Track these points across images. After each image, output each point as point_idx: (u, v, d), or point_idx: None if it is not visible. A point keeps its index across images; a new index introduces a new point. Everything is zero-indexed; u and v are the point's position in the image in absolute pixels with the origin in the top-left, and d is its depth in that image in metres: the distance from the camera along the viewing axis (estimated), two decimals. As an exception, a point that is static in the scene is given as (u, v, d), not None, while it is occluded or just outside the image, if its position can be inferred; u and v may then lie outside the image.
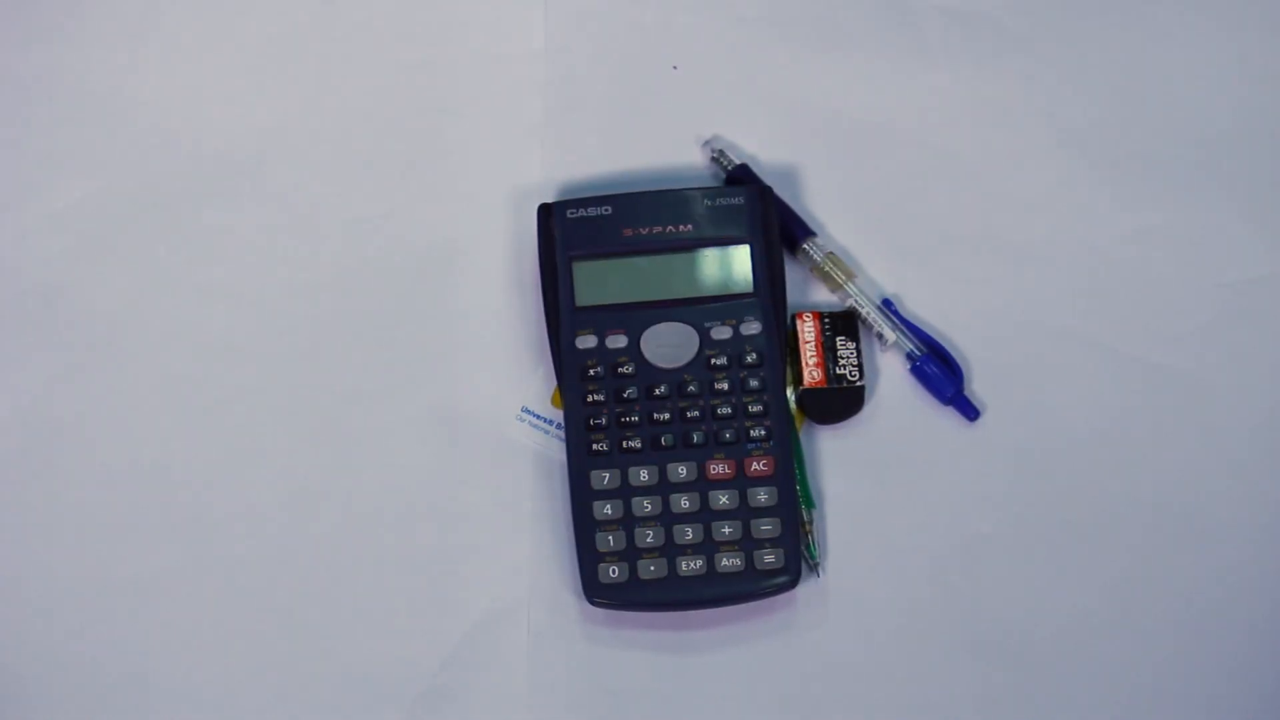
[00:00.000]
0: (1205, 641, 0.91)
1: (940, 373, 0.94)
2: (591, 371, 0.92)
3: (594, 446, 0.91)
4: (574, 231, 0.94)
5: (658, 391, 0.92)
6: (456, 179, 0.99)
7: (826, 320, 0.95)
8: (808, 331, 0.95)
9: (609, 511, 0.91)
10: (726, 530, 0.90)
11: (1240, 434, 0.94)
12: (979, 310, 0.96)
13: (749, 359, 0.92)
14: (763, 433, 0.91)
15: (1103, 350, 0.96)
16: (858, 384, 0.94)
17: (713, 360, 0.92)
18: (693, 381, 0.92)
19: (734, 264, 0.94)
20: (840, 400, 0.94)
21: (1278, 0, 1.02)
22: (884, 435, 0.94)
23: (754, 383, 0.92)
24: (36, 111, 1.00)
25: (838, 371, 0.94)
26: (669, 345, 0.93)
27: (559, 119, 1.00)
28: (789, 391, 0.94)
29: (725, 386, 0.92)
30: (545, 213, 0.95)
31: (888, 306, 0.96)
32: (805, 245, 0.96)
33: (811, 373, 0.94)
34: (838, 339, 0.95)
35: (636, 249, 0.94)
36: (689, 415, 0.92)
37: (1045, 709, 0.90)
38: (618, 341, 0.93)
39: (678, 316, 0.93)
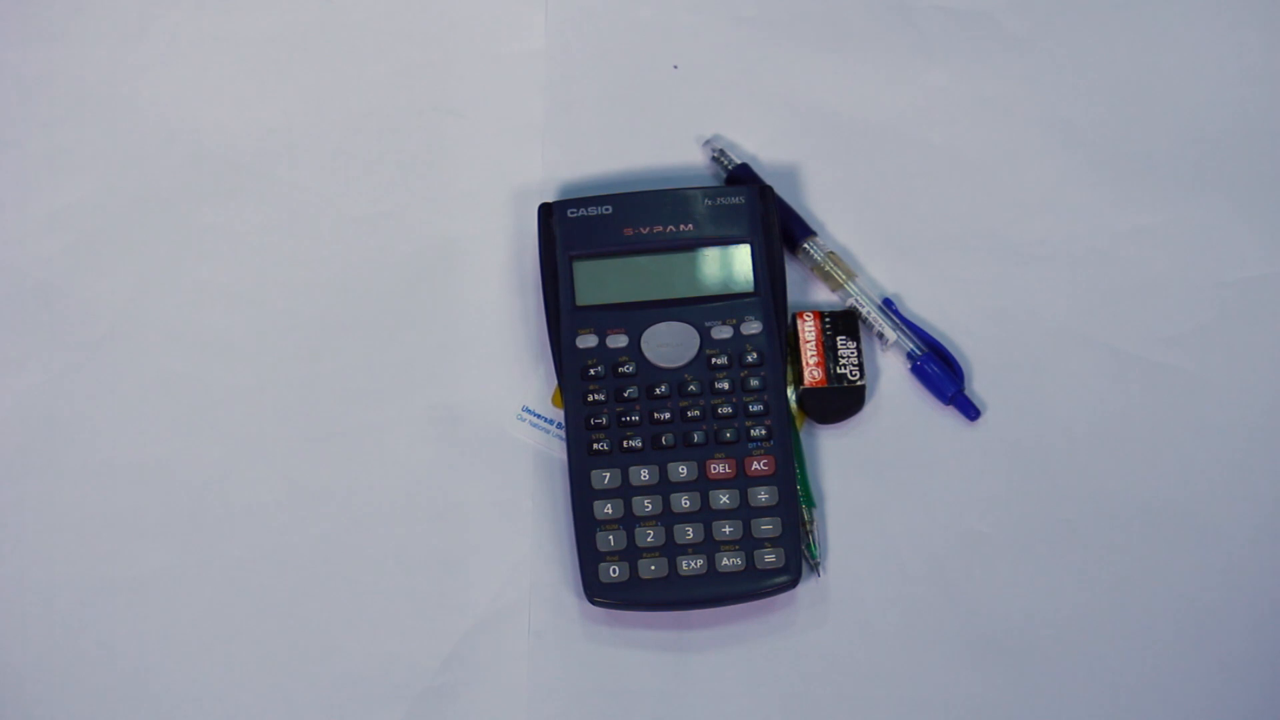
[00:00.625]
0: (1205, 640, 0.91)
1: (941, 372, 0.94)
2: (592, 371, 0.92)
3: (594, 446, 0.91)
4: (574, 231, 0.94)
5: (658, 391, 0.92)
6: (456, 179, 0.99)
7: (827, 320, 0.95)
8: (808, 331, 0.95)
9: (609, 511, 0.91)
10: (727, 530, 0.90)
11: (1239, 433, 0.94)
12: (979, 310, 0.96)
13: (749, 358, 0.92)
14: (763, 432, 0.91)
15: (1103, 350, 0.96)
16: (858, 383, 0.94)
17: (713, 360, 0.92)
18: (693, 381, 0.92)
19: (734, 263, 0.94)
20: (840, 400, 0.94)
21: (1278, 0, 1.02)
22: (884, 435, 0.94)
23: (754, 382, 0.92)
24: (36, 111, 1.00)
25: (838, 371, 0.94)
26: (669, 345, 0.93)
27: (559, 119, 1.00)
28: (789, 391, 0.94)
29: (726, 386, 0.92)
30: (545, 212, 0.95)
31: (888, 306, 0.96)
32: (805, 245, 0.96)
33: (812, 372, 0.94)
34: (838, 338, 0.95)
35: (637, 248, 0.94)
36: (689, 415, 0.92)
37: (1045, 708, 0.90)
38: (618, 341, 0.93)
39: (678, 316, 0.93)
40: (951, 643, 0.91)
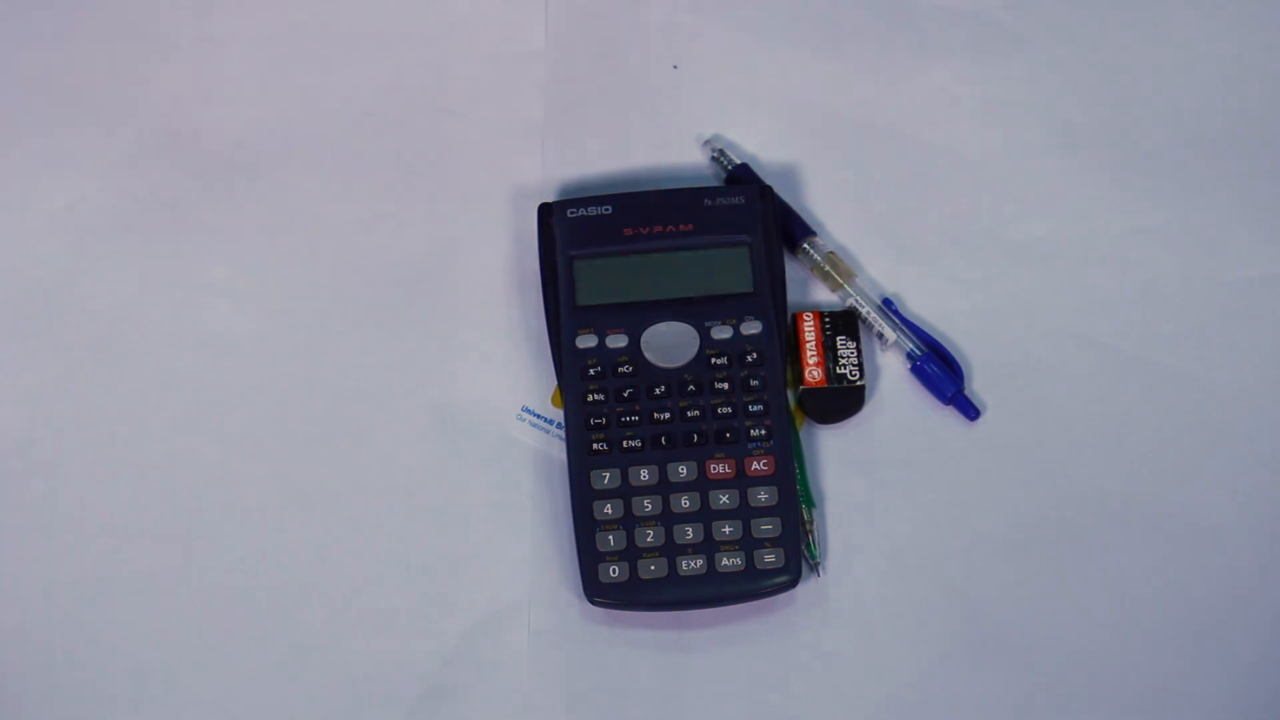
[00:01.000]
0: (1205, 641, 0.91)
1: (940, 372, 0.94)
2: (592, 371, 0.92)
3: (594, 446, 0.91)
4: (574, 231, 0.94)
5: (658, 391, 0.92)
6: (456, 179, 0.99)
7: (827, 320, 0.95)
8: (808, 331, 0.95)
9: (609, 511, 0.91)
10: (727, 530, 0.90)
11: (1240, 434, 0.94)
12: (979, 310, 0.96)
13: (749, 358, 0.92)
14: (763, 432, 0.91)
15: (1103, 350, 0.96)
16: (858, 384, 0.94)
17: (713, 360, 0.92)
18: (693, 381, 0.92)
19: (734, 263, 0.94)
20: (840, 400, 0.94)
21: (1277, 0, 1.02)
22: (884, 435, 0.94)
23: (754, 382, 0.92)
24: (36, 111, 1.00)
25: (838, 371, 0.94)
26: (669, 345, 0.93)
27: (559, 119, 1.00)
28: (789, 391, 0.94)
29: (725, 386, 0.92)
30: (545, 212, 0.95)
31: (888, 306, 0.96)
32: (805, 245, 0.96)
33: (812, 372, 0.94)
34: (838, 338, 0.95)
35: (637, 248, 0.94)
36: (689, 414, 0.92)
37: (1045, 709, 0.90)
38: (618, 341, 0.93)
39: (678, 316, 0.93)
40: (952, 643, 0.91)
